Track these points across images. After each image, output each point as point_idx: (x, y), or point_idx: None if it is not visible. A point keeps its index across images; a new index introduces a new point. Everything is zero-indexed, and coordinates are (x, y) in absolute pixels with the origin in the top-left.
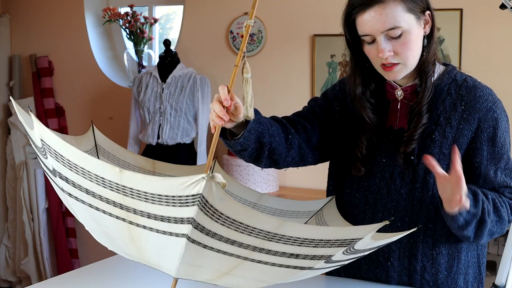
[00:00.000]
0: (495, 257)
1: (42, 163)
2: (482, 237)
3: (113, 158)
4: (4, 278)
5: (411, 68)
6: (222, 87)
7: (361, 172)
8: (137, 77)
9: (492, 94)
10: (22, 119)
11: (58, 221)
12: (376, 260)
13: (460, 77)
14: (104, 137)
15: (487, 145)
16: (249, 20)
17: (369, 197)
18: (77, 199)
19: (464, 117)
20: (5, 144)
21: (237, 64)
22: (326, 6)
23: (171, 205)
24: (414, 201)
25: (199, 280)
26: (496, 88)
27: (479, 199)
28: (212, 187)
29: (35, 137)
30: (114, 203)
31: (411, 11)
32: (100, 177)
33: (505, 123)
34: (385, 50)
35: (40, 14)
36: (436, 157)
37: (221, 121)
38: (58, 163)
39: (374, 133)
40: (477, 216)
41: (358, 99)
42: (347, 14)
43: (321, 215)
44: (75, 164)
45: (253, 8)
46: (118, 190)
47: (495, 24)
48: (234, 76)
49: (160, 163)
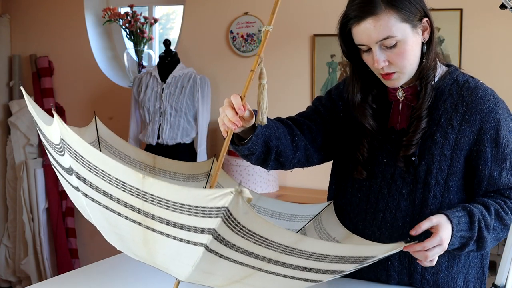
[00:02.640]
0: (495, 257)
1: (54, 159)
2: (486, 247)
3: (115, 151)
4: (4, 278)
5: (409, 75)
6: (235, 96)
7: (363, 175)
8: (137, 77)
9: (494, 95)
10: (35, 114)
11: (58, 221)
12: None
13: (462, 78)
14: (107, 129)
15: (490, 147)
16: (268, 25)
17: (371, 197)
18: (92, 199)
19: (465, 118)
20: (5, 144)
21: (253, 69)
22: (326, 6)
23: (192, 215)
24: (416, 201)
25: (207, 285)
26: (496, 88)
27: (475, 220)
28: (239, 201)
29: (51, 134)
30: (132, 207)
31: (406, 20)
32: (121, 181)
33: (508, 122)
34: (380, 60)
35: (40, 14)
36: (437, 158)
37: (234, 126)
38: (77, 163)
39: (376, 137)
40: (473, 237)
41: (357, 107)
42: (342, 24)
43: (319, 220)
44: (95, 166)
45: (272, 14)
46: (138, 195)
47: (495, 24)
48: (249, 81)
49: (160, 158)
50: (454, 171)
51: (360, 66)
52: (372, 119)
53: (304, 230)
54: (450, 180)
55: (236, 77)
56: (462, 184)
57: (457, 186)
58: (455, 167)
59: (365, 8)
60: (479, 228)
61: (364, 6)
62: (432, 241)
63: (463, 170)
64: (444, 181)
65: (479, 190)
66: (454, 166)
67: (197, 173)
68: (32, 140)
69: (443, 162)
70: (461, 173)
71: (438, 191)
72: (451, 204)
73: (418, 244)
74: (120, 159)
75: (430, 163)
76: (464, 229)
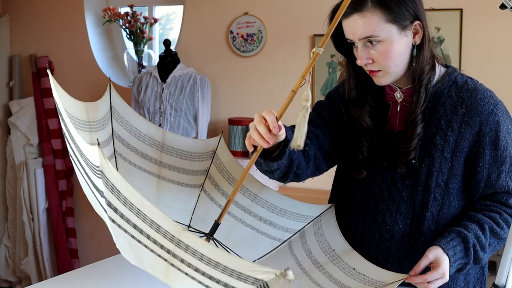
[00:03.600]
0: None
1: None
2: (484, 262)
3: (126, 124)
4: (4, 278)
5: (396, 76)
6: (269, 113)
7: (363, 174)
8: (137, 77)
9: (494, 97)
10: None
11: (58, 221)
12: (376, 262)
13: (461, 79)
14: (120, 99)
15: (489, 149)
16: (319, 48)
17: (370, 199)
18: (119, 226)
19: (465, 120)
20: (5, 144)
21: (295, 90)
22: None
23: (227, 274)
24: (416, 204)
25: None
26: (496, 88)
27: (469, 246)
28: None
29: (90, 153)
30: (162, 247)
31: (393, 22)
32: (156, 223)
33: (507, 124)
34: (363, 57)
35: (40, 14)
36: (438, 160)
37: (266, 144)
38: (111, 194)
39: (373, 135)
40: (469, 262)
41: (354, 103)
42: (332, 18)
43: (319, 225)
44: (132, 203)
45: (326, 37)
46: (172, 240)
47: (495, 24)
48: (289, 102)
49: (170, 134)
50: (455, 173)
51: (355, 61)
52: (369, 118)
53: (303, 231)
54: (451, 182)
55: (236, 77)
56: (462, 186)
57: (457, 188)
58: (456, 169)
59: (354, 4)
60: (475, 252)
61: (353, 2)
62: (434, 274)
63: (463, 172)
64: (444, 183)
65: (476, 192)
66: (455, 169)
67: (203, 152)
68: (32, 140)
69: (444, 165)
70: (461, 175)
71: (438, 194)
72: (451, 206)
73: (420, 276)
74: (131, 133)
75: (431, 165)
76: (460, 257)
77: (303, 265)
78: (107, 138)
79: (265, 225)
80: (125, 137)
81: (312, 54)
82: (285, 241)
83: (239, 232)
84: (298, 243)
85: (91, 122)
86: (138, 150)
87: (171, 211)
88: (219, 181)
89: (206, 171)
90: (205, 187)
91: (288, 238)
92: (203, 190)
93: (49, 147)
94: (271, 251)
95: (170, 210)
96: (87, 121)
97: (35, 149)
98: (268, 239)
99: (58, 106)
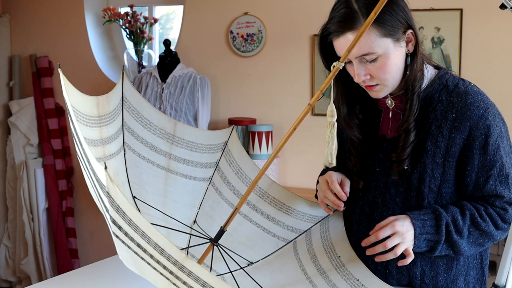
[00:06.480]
0: (495, 257)
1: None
2: (464, 252)
3: (137, 114)
4: (4, 278)
5: (393, 87)
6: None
7: (359, 185)
8: (137, 77)
9: (485, 100)
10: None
11: (58, 221)
12: (374, 269)
13: (452, 82)
14: (132, 88)
15: (478, 154)
16: (339, 62)
17: (365, 207)
18: (123, 242)
19: (455, 126)
20: (5, 144)
21: (312, 104)
22: (326, 6)
23: None
24: (410, 209)
25: None
26: (495, 88)
27: (441, 224)
28: None
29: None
30: (165, 267)
31: (388, 35)
32: (160, 247)
33: (499, 128)
34: (361, 74)
35: (40, 14)
36: (430, 166)
37: (341, 208)
38: (117, 214)
39: (363, 147)
40: (440, 241)
41: (343, 118)
42: (322, 37)
43: (326, 227)
44: (137, 225)
45: (348, 51)
46: (175, 264)
47: (495, 24)
48: (304, 115)
49: (181, 125)
50: (447, 178)
51: (345, 77)
52: (358, 131)
53: (309, 232)
54: (443, 187)
55: (236, 77)
56: (455, 190)
57: (450, 192)
58: (448, 174)
59: (345, 23)
60: (448, 232)
61: (344, 21)
62: (385, 230)
63: (455, 176)
64: (437, 188)
65: (465, 194)
66: (447, 173)
67: (214, 143)
68: (32, 140)
69: (436, 170)
70: (454, 179)
71: (431, 198)
72: None
73: (372, 236)
74: (141, 124)
75: (423, 171)
76: (430, 232)
77: (307, 269)
78: (117, 131)
79: (271, 223)
80: (135, 128)
81: (332, 68)
82: (291, 241)
83: (244, 229)
84: (303, 244)
85: (101, 116)
86: (148, 142)
87: (177, 205)
88: (228, 174)
89: (216, 164)
90: (213, 180)
91: (294, 238)
92: (211, 184)
93: (49, 147)
94: (275, 251)
95: (177, 205)
96: (97, 115)
97: (35, 149)
98: (273, 238)
99: (68, 106)
